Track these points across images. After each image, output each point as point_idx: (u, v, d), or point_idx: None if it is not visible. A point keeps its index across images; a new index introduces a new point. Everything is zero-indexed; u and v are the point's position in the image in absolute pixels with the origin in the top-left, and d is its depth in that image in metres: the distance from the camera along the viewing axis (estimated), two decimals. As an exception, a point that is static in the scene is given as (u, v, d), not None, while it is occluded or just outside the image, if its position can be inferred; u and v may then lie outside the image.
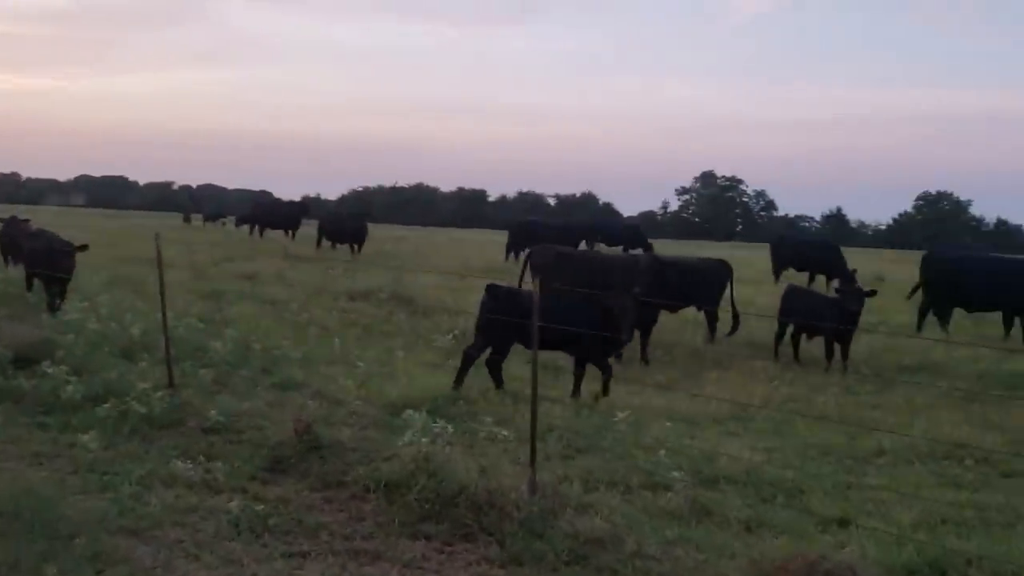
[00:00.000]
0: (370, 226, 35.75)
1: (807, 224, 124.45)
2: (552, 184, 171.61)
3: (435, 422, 7.42)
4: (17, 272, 16.72)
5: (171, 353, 9.49)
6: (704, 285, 13.90)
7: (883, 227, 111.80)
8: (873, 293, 12.55)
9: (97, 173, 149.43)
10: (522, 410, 8.86)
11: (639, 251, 34.16)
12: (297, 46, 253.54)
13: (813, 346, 13.40)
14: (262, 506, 6.11)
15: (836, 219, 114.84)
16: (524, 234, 29.23)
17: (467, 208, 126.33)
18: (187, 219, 56.82)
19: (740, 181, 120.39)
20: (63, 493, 6.12)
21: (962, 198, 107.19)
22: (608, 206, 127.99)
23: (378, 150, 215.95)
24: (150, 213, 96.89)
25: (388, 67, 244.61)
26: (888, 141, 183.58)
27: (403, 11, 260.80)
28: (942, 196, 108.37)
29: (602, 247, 32.38)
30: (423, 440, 6.72)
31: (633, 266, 12.60)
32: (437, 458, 6.53)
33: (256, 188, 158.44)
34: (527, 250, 15.83)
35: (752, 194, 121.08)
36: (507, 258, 28.99)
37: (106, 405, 7.94)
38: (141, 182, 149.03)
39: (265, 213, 37.84)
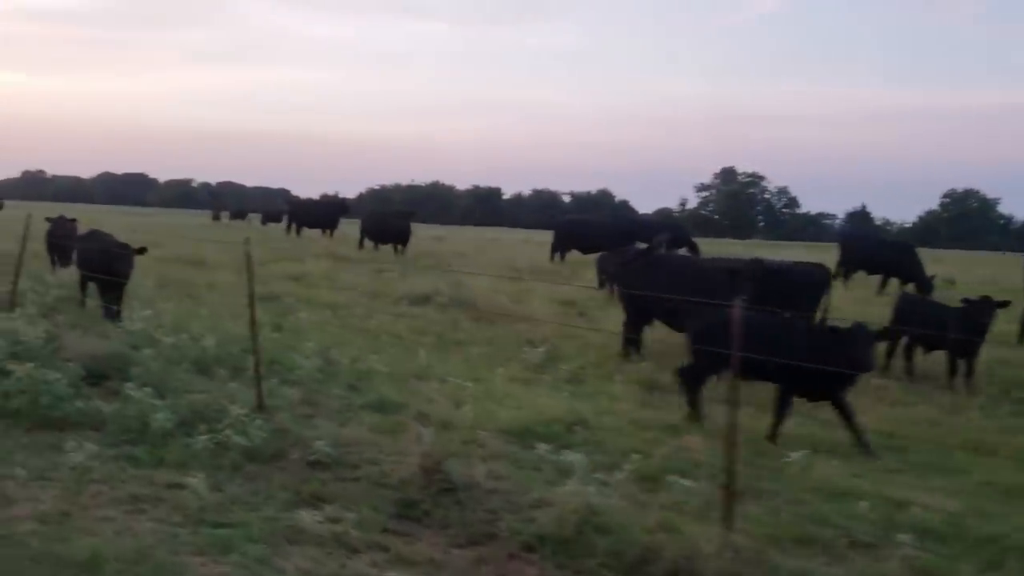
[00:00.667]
0: None
1: (829, 222, 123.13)
2: (567, 181, 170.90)
3: (567, 455, 6.50)
4: (67, 275, 15.82)
5: (260, 372, 8.54)
6: (803, 292, 12.83)
7: (908, 225, 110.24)
8: (1006, 304, 11.45)
9: (118, 171, 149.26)
10: (662, 441, 7.89)
11: (683, 251, 33.15)
12: (314, 46, 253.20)
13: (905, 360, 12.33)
14: (411, 571, 5.15)
15: (861, 216, 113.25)
16: (569, 233, 28.11)
17: (482, 206, 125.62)
18: (216, 217, 56.13)
19: (762, 178, 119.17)
20: (178, 553, 5.17)
21: (989, 196, 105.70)
22: (624, 203, 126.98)
23: (393, 148, 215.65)
24: (171, 211, 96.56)
25: (403, 66, 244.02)
26: (914, 138, 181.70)
27: (419, 10, 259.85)
28: (969, 194, 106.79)
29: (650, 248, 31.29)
30: (588, 488, 5.74)
31: (736, 272, 11.55)
32: (605, 510, 5.56)
33: (275, 186, 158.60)
34: (597, 253, 14.72)
35: (774, 191, 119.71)
36: (552, 259, 27.91)
37: (202, 436, 6.99)
38: (161, 180, 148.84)
39: (303, 212, 36.82)
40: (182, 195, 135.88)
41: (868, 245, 25.39)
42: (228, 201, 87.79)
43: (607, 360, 12.20)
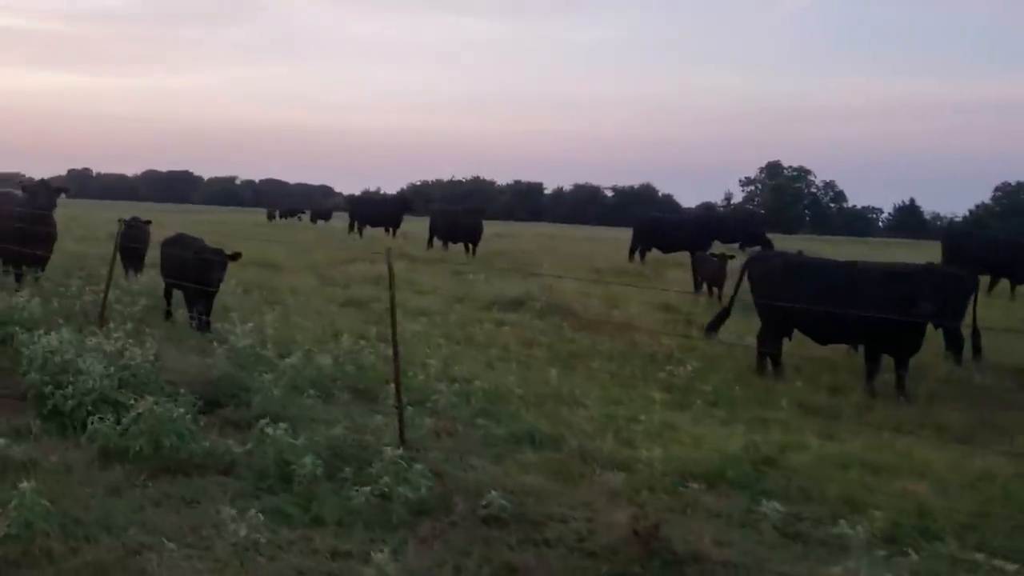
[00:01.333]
0: None
1: (874, 216, 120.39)
2: (608, 176, 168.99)
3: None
4: (144, 283, 14.85)
5: (403, 401, 7.44)
6: (953, 297, 11.53)
7: (959, 219, 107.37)
8: None
9: (163, 168, 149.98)
10: (875, 486, 6.67)
11: (756, 248, 31.66)
12: (355, 43, 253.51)
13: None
14: None
15: (909, 211, 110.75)
16: (651, 232, 26.80)
17: (524, 201, 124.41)
18: (271, 216, 55.41)
19: (808, 172, 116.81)
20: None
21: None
22: (668, 198, 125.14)
23: (433, 144, 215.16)
24: (217, 208, 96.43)
25: (443, 62, 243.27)
26: (964, 130, 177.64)
27: (458, 7, 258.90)
28: (1022, 187, 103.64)
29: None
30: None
31: (907, 279, 10.25)
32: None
33: (316, 183, 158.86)
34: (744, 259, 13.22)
35: (820, 185, 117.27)
36: (631, 258, 26.65)
37: (363, 488, 5.88)
38: (205, 177, 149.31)
39: (366, 210, 35.74)
40: (225, 192, 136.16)
41: (978, 243, 23.85)
42: (279, 199, 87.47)
43: (747, 378, 10.97)
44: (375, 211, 35.40)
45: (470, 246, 27.08)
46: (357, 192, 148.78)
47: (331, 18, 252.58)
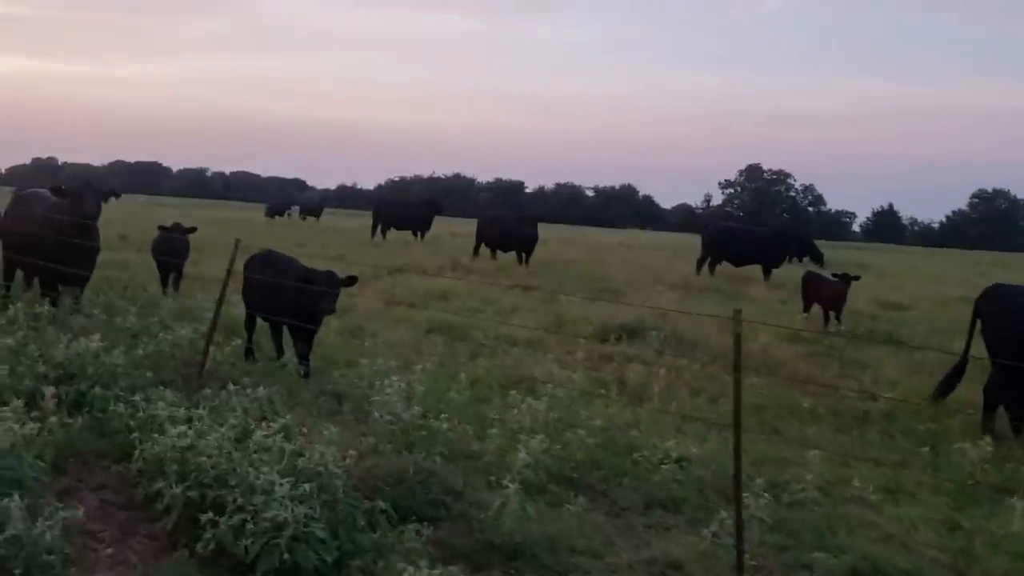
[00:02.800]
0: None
1: (848, 220, 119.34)
2: (589, 175, 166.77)
3: None
4: (199, 304, 12.12)
5: (741, 514, 4.95)
6: None
7: (935, 225, 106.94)
8: None
9: (131, 159, 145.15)
10: None
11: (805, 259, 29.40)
12: (329, 36, 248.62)
13: None
14: None
15: (887, 216, 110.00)
16: (723, 243, 24.20)
17: (505, 199, 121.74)
18: (275, 214, 52.01)
19: (788, 175, 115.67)
20: None
21: (1019, 196, 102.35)
22: (648, 199, 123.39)
23: (411, 140, 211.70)
24: (188, 200, 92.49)
25: (422, 57, 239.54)
26: (943, 136, 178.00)
27: (431, 3, 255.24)
28: (998, 194, 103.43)
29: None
30: None
31: None
32: None
33: (289, 176, 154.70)
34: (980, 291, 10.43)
35: (800, 188, 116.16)
36: (699, 271, 24.21)
37: None
38: (174, 168, 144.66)
39: (392, 211, 32.60)
40: (196, 184, 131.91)
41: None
42: (273, 195, 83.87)
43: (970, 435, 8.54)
44: (402, 213, 32.44)
45: (523, 255, 24.35)
46: (332, 186, 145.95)
47: (304, 10, 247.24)
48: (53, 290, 10.88)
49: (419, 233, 31.48)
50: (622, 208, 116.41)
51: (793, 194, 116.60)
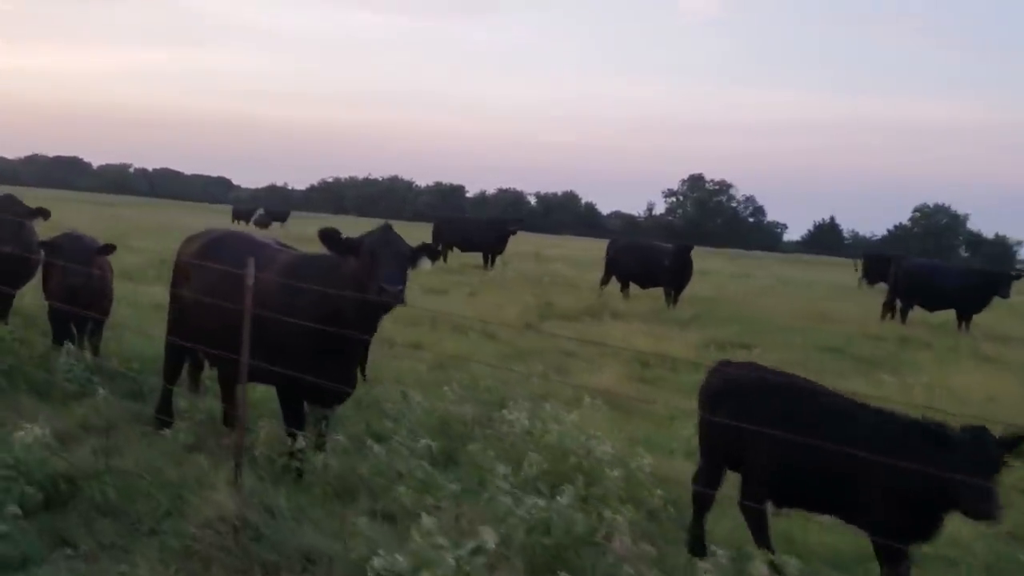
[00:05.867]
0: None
1: (779, 231, 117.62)
2: (530, 181, 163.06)
3: None
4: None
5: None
6: None
7: (877, 238, 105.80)
8: None
9: (49, 153, 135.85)
10: None
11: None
12: (260, 33, 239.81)
13: None
14: None
15: (828, 228, 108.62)
16: (918, 282, 18.91)
17: (445, 203, 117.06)
18: (238, 218, 45.64)
19: (730, 185, 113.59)
20: None
21: (960, 212, 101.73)
22: (591, 206, 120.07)
23: (345, 140, 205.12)
24: (113, 197, 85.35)
25: (355, 56, 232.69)
26: (885, 151, 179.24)
27: (374, 2, 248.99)
28: (939, 209, 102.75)
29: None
30: None
31: None
32: None
33: (214, 175, 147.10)
34: None
35: (741, 199, 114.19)
36: (887, 315, 18.85)
37: None
38: (95, 164, 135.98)
39: (459, 230, 27.06)
40: (118, 180, 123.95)
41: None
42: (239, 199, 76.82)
43: None
44: (470, 232, 26.86)
45: (671, 292, 18.36)
46: (260, 186, 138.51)
47: (235, 4, 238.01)
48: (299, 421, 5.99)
49: (490, 257, 25.77)
50: (564, 215, 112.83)
51: (734, 204, 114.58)
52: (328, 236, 5.74)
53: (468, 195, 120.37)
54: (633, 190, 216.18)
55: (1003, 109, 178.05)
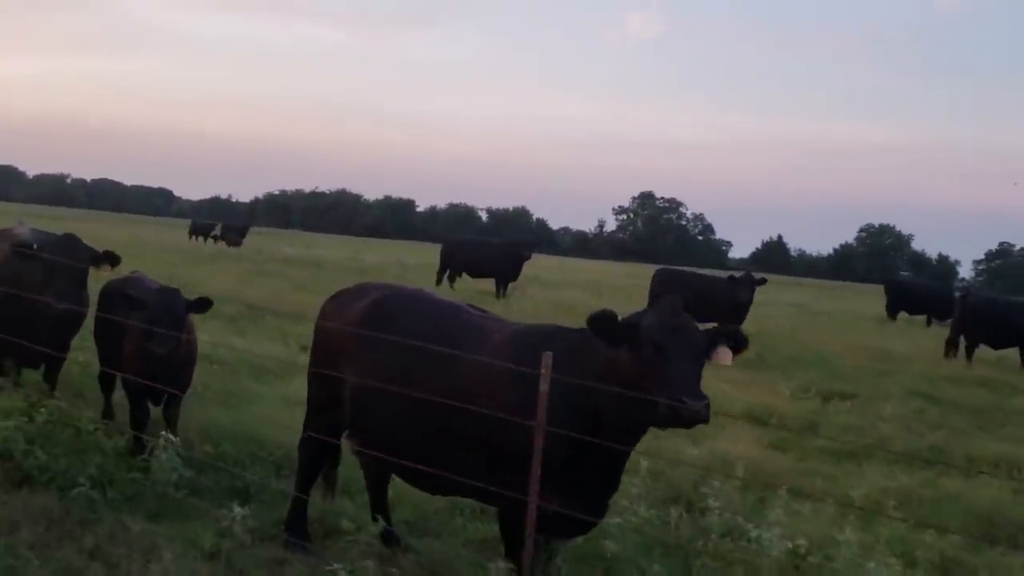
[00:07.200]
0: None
1: (726, 249, 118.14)
2: (482, 197, 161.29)
3: None
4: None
5: None
6: None
7: (823, 256, 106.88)
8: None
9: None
10: None
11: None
12: (201, 42, 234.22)
13: None
14: None
15: (776, 246, 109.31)
16: (996, 320, 17.51)
17: (395, 217, 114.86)
18: (204, 235, 42.90)
19: (680, 203, 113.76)
20: None
21: (904, 232, 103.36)
22: (543, 222, 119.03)
23: (289, 153, 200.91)
24: (51, 209, 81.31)
25: (291, 69, 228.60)
26: (832, 171, 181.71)
27: (314, 13, 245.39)
28: (884, 229, 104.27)
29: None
30: None
31: None
32: None
33: (155, 186, 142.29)
34: None
35: (691, 217, 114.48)
36: (951, 352, 17.66)
37: None
38: (31, 173, 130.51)
39: (471, 254, 24.71)
40: (56, 191, 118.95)
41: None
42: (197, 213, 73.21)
43: None
44: (482, 257, 24.50)
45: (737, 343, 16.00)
46: (204, 197, 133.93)
47: (173, 14, 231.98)
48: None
49: (503, 284, 23.60)
50: (515, 231, 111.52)
51: (684, 222, 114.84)
52: (601, 322, 4.20)
53: (419, 209, 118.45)
54: (583, 207, 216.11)
55: (945, 131, 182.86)
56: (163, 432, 5.72)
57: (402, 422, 4.68)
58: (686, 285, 17.33)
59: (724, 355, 4.28)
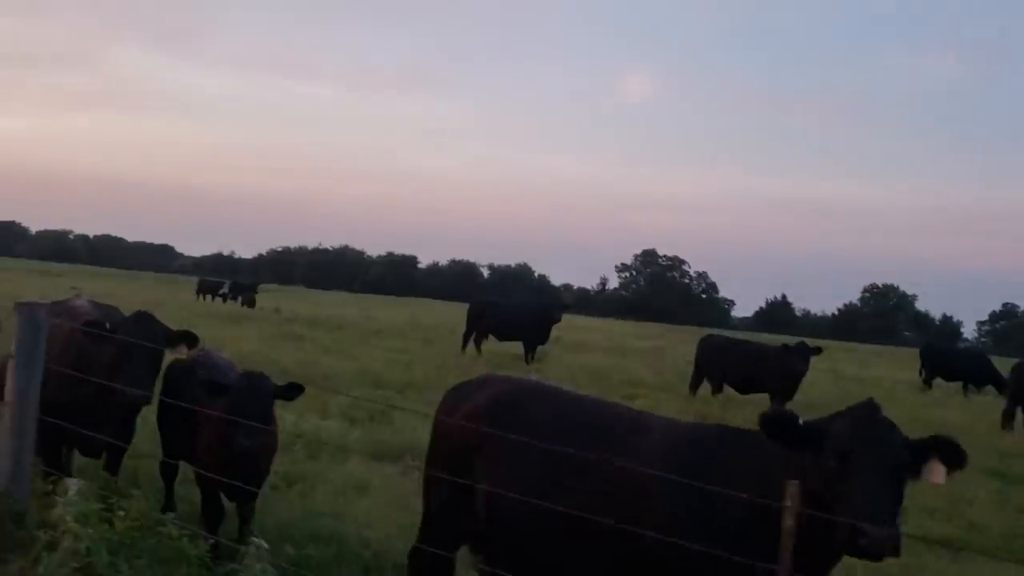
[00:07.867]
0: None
1: (727, 307, 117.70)
2: (484, 254, 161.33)
3: None
4: None
5: None
6: None
7: (828, 316, 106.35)
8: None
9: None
10: None
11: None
12: (199, 99, 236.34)
13: None
14: None
15: (779, 305, 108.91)
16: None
17: (397, 274, 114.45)
18: (209, 292, 42.23)
19: (683, 261, 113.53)
20: None
21: (908, 292, 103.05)
22: (544, 279, 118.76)
23: (293, 209, 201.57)
24: (55, 265, 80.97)
25: (292, 127, 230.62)
26: (836, 232, 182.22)
27: (315, 71, 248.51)
28: (888, 289, 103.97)
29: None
30: None
31: None
32: None
33: (157, 242, 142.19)
34: None
35: (694, 275, 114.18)
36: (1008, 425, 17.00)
37: None
38: (33, 229, 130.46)
39: (501, 316, 23.65)
40: (58, 247, 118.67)
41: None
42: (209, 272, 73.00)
43: None
44: (512, 319, 23.49)
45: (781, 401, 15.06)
46: (206, 254, 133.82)
47: (173, 72, 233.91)
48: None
49: (532, 348, 22.72)
50: (517, 287, 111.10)
51: (687, 280, 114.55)
52: (779, 424, 3.67)
53: (420, 266, 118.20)
54: (584, 264, 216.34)
55: (948, 194, 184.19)
56: (252, 538, 5.12)
57: (562, 545, 4.08)
58: (738, 354, 16.67)
59: (937, 473, 3.65)
